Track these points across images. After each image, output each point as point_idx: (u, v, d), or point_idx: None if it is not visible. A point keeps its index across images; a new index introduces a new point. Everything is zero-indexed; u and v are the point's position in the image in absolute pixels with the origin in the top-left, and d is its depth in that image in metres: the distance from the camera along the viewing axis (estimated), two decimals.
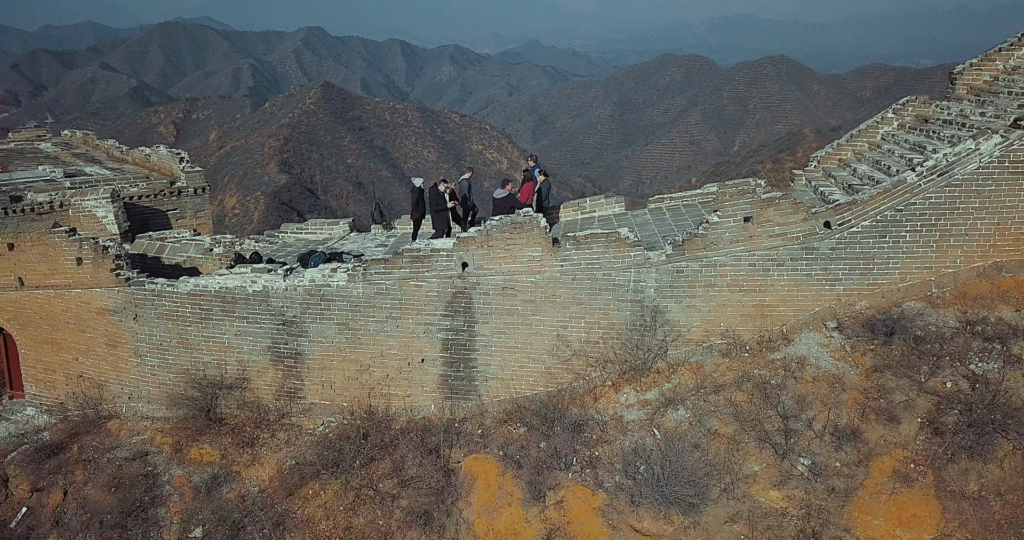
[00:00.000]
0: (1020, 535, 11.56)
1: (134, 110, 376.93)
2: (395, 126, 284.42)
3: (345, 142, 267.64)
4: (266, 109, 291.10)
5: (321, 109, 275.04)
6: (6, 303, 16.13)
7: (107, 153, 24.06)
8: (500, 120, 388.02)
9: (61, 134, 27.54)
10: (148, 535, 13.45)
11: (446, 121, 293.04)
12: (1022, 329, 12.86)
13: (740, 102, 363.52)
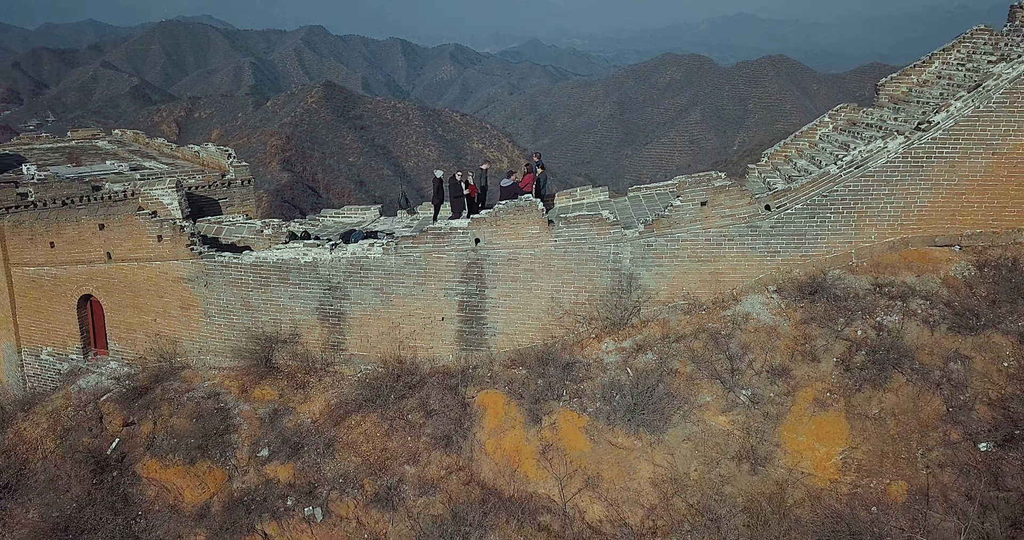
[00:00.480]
0: (908, 446, 15.05)
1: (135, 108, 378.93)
2: (396, 125, 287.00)
3: (347, 141, 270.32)
4: (268, 108, 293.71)
5: (323, 108, 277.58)
6: (96, 274, 19.58)
7: (158, 150, 27.53)
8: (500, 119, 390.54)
9: (112, 133, 30.96)
10: (225, 455, 16.93)
11: (447, 120, 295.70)
12: (919, 289, 16.34)
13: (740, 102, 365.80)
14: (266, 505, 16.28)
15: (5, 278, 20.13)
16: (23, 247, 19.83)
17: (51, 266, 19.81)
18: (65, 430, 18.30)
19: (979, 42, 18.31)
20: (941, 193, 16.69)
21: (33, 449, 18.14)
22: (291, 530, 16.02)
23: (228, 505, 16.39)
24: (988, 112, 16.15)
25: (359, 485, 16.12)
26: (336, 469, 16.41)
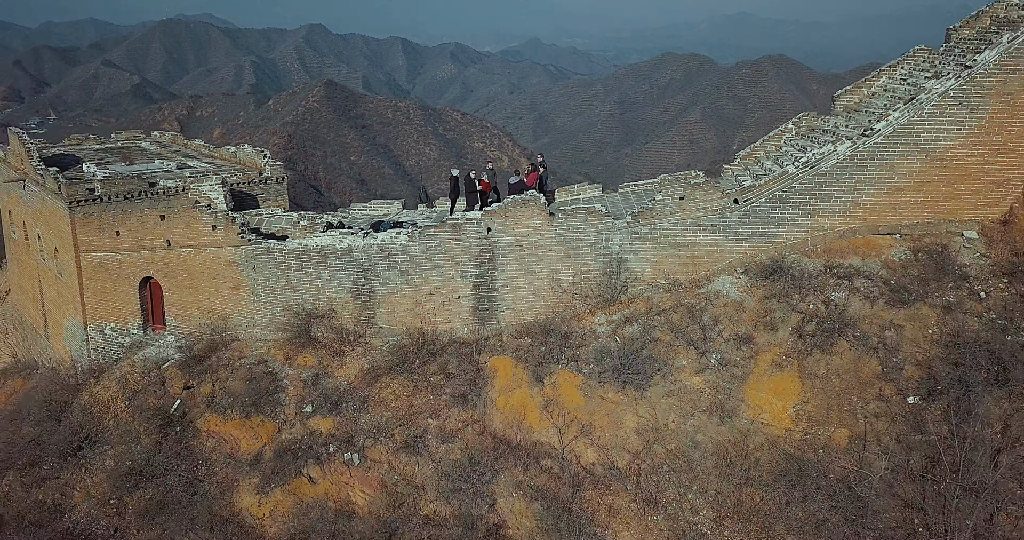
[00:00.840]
0: (850, 400, 18.15)
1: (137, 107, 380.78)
2: (397, 124, 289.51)
3: (348, 139, 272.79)
4: (269, 107, 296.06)
5: (324, 107, 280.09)
6: (156, 259, 22.65)
7: (197, 150, 30.61)
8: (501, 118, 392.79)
9: (152, 135, 34.03)
10: (274, 410, 20.01)
11: (447, 119, 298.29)
12: (863, 270, 19.43)
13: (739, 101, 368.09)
14: (311, 452, 19.37)
15: (75, 263, 23.19)
16: (91, 236, 22.88)
17: (116, 252, 22.87)
18: (133, 393, 21.38)
19: (919, 60, 21.43)
20: (883, 189, 19.79)
21: (106, 409, 21.22)
22: (332, 472, 19.12)
23: (278, 452, 19.48)
24: (921, 121, 19.24)
25: (390, 435, 19.22)
26: (370, 422, 19.50)
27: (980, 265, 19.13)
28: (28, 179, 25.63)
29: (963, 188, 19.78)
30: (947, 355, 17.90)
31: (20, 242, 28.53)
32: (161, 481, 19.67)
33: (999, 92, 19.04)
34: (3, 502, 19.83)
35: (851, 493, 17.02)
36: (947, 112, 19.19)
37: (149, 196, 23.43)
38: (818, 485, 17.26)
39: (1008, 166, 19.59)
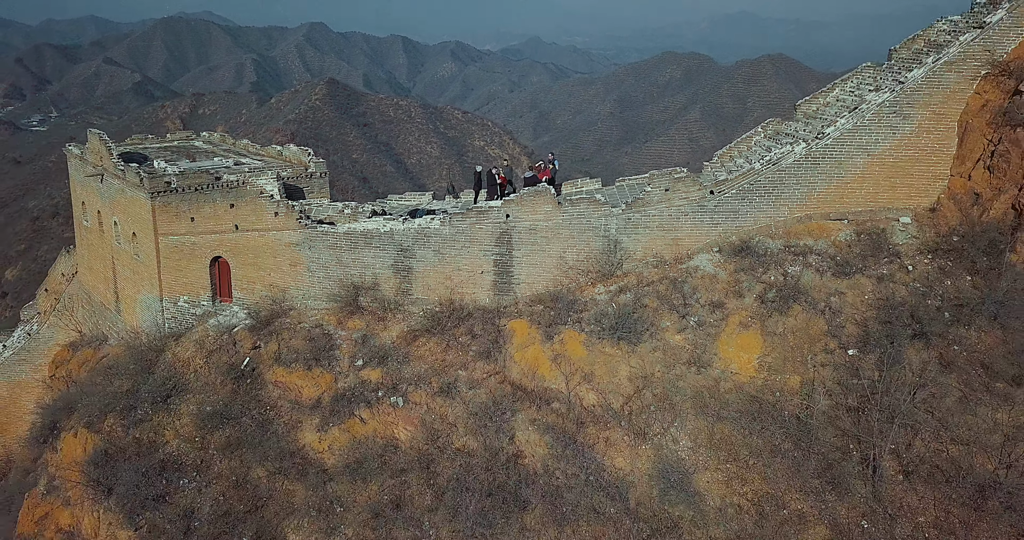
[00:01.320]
0: (802, 353, 22.62)
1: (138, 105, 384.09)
2: (399, 122, 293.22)
3: (350, 138, 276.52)
4: (272, 105, 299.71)
5: (326, 105, 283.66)
6: (226, 241, 27.04)
7: (245, 149, 35.00)
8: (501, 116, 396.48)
9: (201, 135, 38.40)
10: (331, 364, 24.44)
11: (449, 117, 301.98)
12: (815, 248, 23.92)
13: (739, 100, 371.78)
14: (362, 397, 23.79)
15: (154, 245, 27.56)
16: (169, 221, 27.26)
17: (190, 235, 27.26)
18: (209, 352, 25.80)
19: (865, 75, 25.89)
20: (833, 182, 24.27)
21: (187, 365, 25.64)
22: (380, 414, 23.56)
23: (335, 398, 23.91)
24: (863, 126, 23.71)
25: (427, 383, 23.65)
26: (411, 372, 23.94)
27: (910, 244, 23.63)
28: (107, 174, 29.98)
29: (899, 182, 24.26)
30: (879, 316, 22.40)
31: (93, 229, 32.85)
32: (237, 422, 24.09)
33: (926, 103, 23.53)
34: (107, 439, 24.23)
35: (800, 424, 21.55)
36: (884, 119, 23.68)
37: (217, 188, 27.77)
38: (774, 419, 21.77)
39: (935, 164, 24.09)
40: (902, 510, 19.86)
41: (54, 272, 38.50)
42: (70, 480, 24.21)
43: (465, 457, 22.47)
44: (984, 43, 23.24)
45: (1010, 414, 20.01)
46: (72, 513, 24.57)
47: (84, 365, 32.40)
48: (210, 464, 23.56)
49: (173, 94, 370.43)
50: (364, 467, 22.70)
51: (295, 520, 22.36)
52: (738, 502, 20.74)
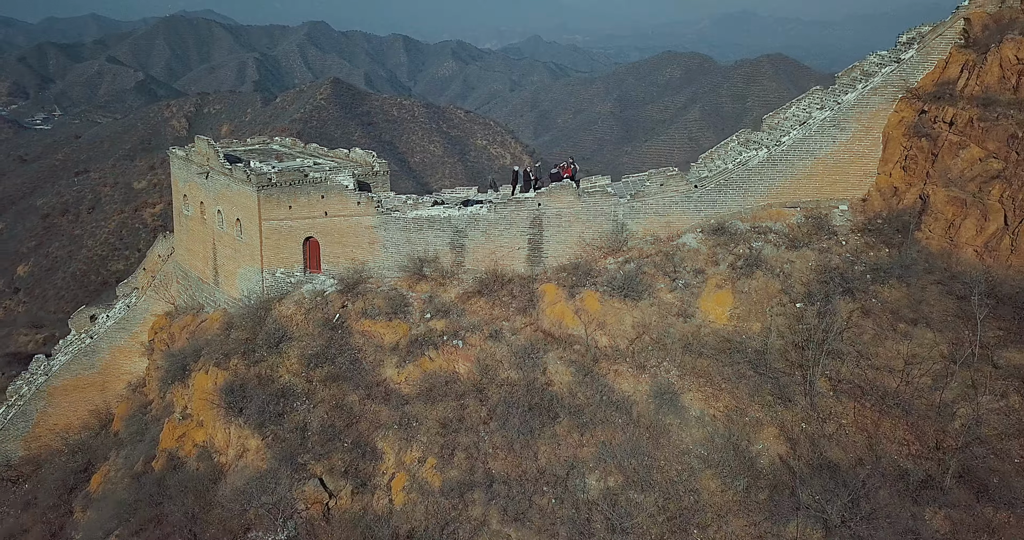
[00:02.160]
0: (762, 306, 30.71)
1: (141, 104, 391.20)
2: (402, 121, 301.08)
3: (354, 137, 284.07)
4: (277, 104, 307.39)
5: (331, 104, 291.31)
6: (316, 224, 35.03)
7: (315, 151, 42.99)
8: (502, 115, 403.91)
9: (272, 139, 46.38)
10: (406, 316, 32.46)
11: (451, 117, 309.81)
12: (774, 229, 32.03)
13: (738, 100, 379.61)
14: (430, 341, 31.79)
15: (258, 228, 35.55)
16: (270, 209, 35.25)
17: (288, 220, 35.25)
18: (307, 310, 33.81)
19: (815, 97, 34.02)
20: (788, 179, 32.37)
21: (291, 319, 33.64)
22: (444, 353, 31.57)
23: (410, 342, 31.92)
24: (809, 137, 31.84)
25: (480, 330, 31.70)
26: (467, 323, 31.99)
27: (845, 225, 31.76)
28: (212, 171, 37.95)
29: (838, 178, 32.39)
30: (819, 278, 30.52)
31: (195, 217, 40.81)
32: (333, 361, 32.08)
33: (858, 119, 31.67)
34: (233, 375, 32.23)
35: (759, 358, 29.65)
36: (826, 131, 31.81)
37: (308, 183, 35.81)
38: (740, 354, 29.86)
39: (865, 165, 32.23)
40: (830, 415, 27.95)
41: (152, 254, 46.55)
42: (207, 405, 32.21)
43: (509, 385, 30.47)
44: (900, 74, 31.37)
45: (908, 346, 28.10)
46: (205, 431, 32.60)
47: (185, 329, 40.47)
48: (314, 392, 31.54)
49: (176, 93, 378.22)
50: (433, 393, 30.68)
51: (381, 432, 30.34)
52: (712, 413, 28.81)
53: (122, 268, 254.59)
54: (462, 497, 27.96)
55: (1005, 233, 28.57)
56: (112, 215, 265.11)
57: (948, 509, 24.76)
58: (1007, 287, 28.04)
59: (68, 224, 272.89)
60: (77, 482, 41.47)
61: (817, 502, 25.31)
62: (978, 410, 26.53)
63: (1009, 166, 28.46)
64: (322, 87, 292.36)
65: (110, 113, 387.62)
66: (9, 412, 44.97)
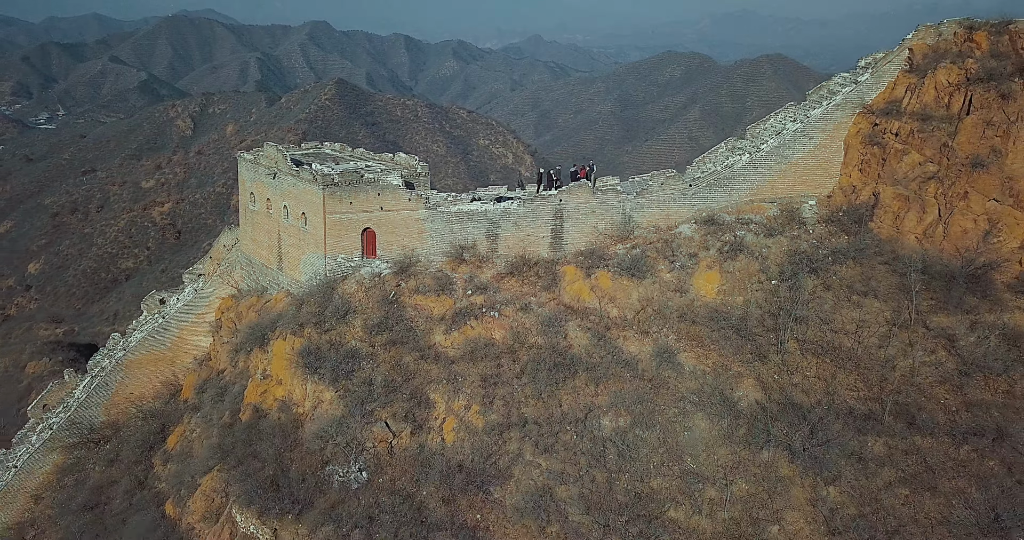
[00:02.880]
0: (744, 284, 38.14)
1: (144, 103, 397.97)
2: (405, 121, 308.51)
3: (359, 136, 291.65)
4: (282, 104, 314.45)
5: (336, 105, 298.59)
6: (373, 217, 42.38)
7: (362, 155, 50.34)
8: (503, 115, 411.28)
9: (322, 145, 53.70)
10: (451, 292, 39.84)
11: (454, 117, 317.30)
12: (754, 221, 39.50)
13: (738, 100, 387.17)
14: (471, 312, 39.16)
15: (323, 221, 42.87)
16: (333, 204, 42.59)
17: (348, 213, 42.59)
18: (367, 288, 41.17)
19: (790, 111, 41.42)
20: (767, 179, 39.79)
21: (353, 296, 41.00)
22: (483, 323, 38.94)
23: (454, 313, 39.28)
24: (784, 145, 39.28)
25: (512, 303, 39.09)
26: (502, 297, 39.38)
27: (812, 217, 39.21)
28: (280, 173, 45.25)
29: (807, 179, 39.81)
30: (790, 260, 37.95)
31: (261, 212, 48.10)
32: (392, 329, 39.42)
33: (823, 130, 39.09)
34: (308, 341, 39.57)
35: (741, 324, 37.09)
36: (798, 140, 39.24)
37: (364, 182, 43.17)
38: (726, 321, 37.29)
39: (830, 168, 39.65)
40: (797, 368, 35.37)
41: (217, 244, 53.88)
42: (286, 366, 39.51)
43: (537, 347, 37.83)
44: (858, 93, 38.83)
45: (859, 313, 35.55)
46: (284, 388, 39.93)
47: (251, 308, 47.84)
48: (377, 354, 38.88)
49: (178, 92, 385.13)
50: (474, 354, 38.00)
51: (433, 385, 37.67)
52: (702, 368, 36.21)
53: (132, 266, 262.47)
54: (501, 435, 35.33)
55: (939, 223, 36.00)
56: (121, 214, 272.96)
57: (885, 437, 32.22)
58: (938, 266, 35.48)
59: (77, 222, 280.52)
60: (154, 442, 48.84)
61: (784, 434, 32.78)
62: (913, 363, 33.99)
63: (942, 169, 35.88)
64: (326, 87, 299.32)
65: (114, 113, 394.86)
66: (92, 383, 52.29)
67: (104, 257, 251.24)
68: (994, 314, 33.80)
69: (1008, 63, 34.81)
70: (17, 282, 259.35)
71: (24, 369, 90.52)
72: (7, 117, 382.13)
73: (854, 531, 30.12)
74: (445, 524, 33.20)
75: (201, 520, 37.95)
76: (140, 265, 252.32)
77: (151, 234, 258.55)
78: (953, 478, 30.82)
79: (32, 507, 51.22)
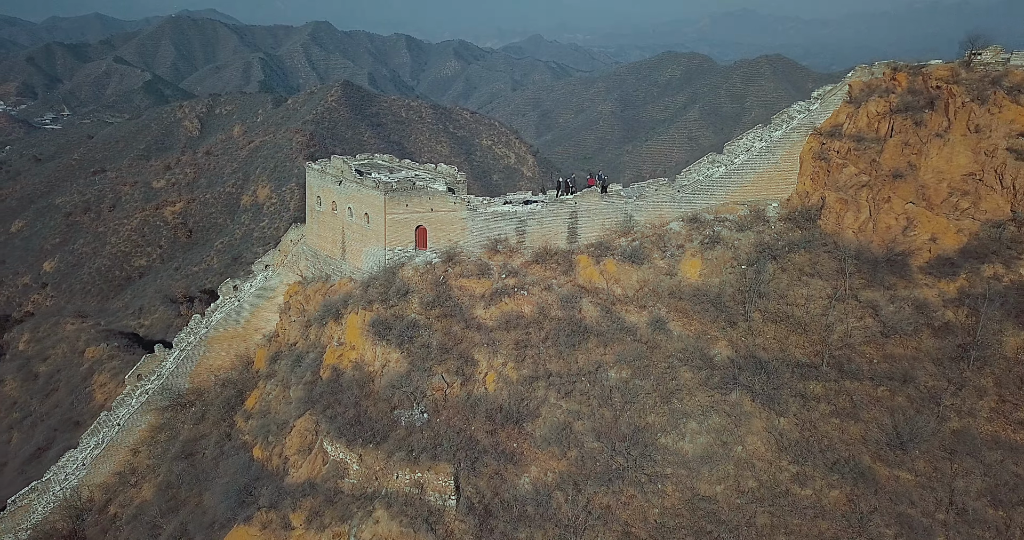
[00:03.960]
0: (721, 267, 49.88)
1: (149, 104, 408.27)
2: (410, 122, 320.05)
3: (365, 137, 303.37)
4: (288, 106, 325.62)
5: (342, 106, 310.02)
6: (425, 217, 53.92)
7: (409, 165, 61.92)
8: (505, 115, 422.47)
9: (373, 156, 65.29)
10: (489, 276, 51.43)
11: (457, 118, 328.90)
12: (729, 219, 51.24)
13: (737, 100, 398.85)
14: (505, 292, 50.77)
15: (383, 219, 54.36)
16: (392, 206, 54.10)
17: (405, 214, 54.11)
18: (421, 273, 52.75)
19: (758, 132, 53.02)
20: (739, 186, 51.50)
21: (410, 280, 52.58)
22: (515, 299, 50.57)
23: (492, 292, 50.88)
24: (752, 160, 51.00)
25: (538, 285, 50.73)
26: (529, 280, 51.01)
27: (775, 216, 50.91)
28: (345, 180, 56.73)
29: (771, 186, 51.49)
30: (756, 249, 49.64)
31: (326, 212, 59.55)
32: (443, 305, 50.94)
33: (783, 148, 50.81)
34: (376, 314, 51.11)
35: (717, 300, 48.80)
36: (763, 156, 50.96)
37: (416, 188, 54.71)
38: (706, 298, 48.97)
39: (789, 177, 51.34)
40: (760, 333, 46.99)
41: (285, 239, 65.48)
42: (358, 334, 50.99)
43: (557, 319, 49.40)
44: (810, 119, 50.52)
45: (807, 290, 47.19)
46: (356, 352, 51.47)
47: (318, 292, 59.44)
48: (431, 324, 50.41)
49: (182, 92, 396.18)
50: (508, 324, 49.54)
51: (476, 348, 49.16)
52: (687, 333, 47.82)
53: (145, 264, 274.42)
54: (531, 385, 46.92)
55: (869, 221, 47.62)
56: (133, 213, 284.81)
57: (823, 382, 43.88)
58: (867, 254, 47.12)
59: (91, 222, 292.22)
60: (234, 404, 60.39)
61: (748, 381, 44.40)
62: (847, 327, 45.65)
63: (871, 179, 47.48)
64: (332, 89, 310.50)
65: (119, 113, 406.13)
66: (180, 356, 63.90)
67: (118, 255, 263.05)
68: (908, 290, 45.47)
69: (921, 98, 46.49)
70: (33, 280, 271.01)
71: (83, 354, 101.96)
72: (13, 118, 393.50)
73: (796, 448, 41.75)
74: (490, 450, 44.72)
75: (296, 453, 49.47)
76: (153, 263, 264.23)
77: (163, 233, 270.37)
78: (871, 410, 42.46)
79: (131, 459, 62.86)
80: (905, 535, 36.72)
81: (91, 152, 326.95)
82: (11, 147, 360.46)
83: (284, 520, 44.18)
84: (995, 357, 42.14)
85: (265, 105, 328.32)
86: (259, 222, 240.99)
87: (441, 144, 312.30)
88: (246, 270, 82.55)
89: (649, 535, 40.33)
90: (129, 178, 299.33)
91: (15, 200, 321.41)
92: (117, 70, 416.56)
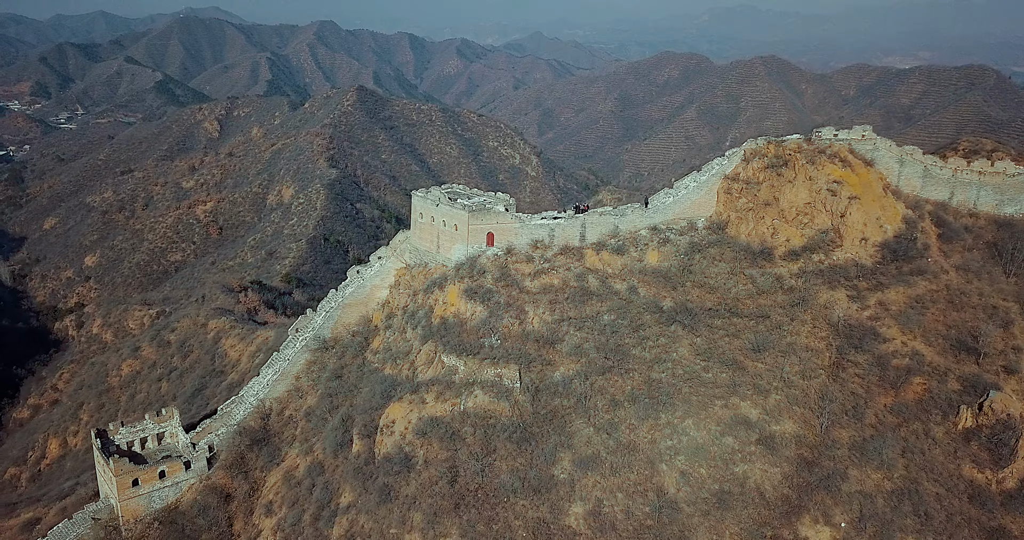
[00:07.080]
0: (669, 256, 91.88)
1: (160, 103, 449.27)
2: (421, 125, 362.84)
3: (379, 140, 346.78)
4: (305, 109, 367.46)
5: (357, 110, 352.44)
6: (492, 227, 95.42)
7: (475, 190, 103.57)
8: (507, 114, 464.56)
9: (452, 186, 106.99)
10: (533, 262, 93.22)
11: (465, 120, 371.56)
12: (675, 227, 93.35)
13: (733, 100, 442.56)
14: (543, 271, 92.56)
15: (467, 228, 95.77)
16: (472, 220, 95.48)
17: (479, 225, 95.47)
18: (492, 260, 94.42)
19: (693, 175, 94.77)
20: (682, 207, 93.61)
21: (485, 265, 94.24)
22: (549, 274, 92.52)
23: (534, 271, 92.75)
24: (690, 192, 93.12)
25: (562, 267, 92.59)
26: (557, 263, 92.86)
27: (702, 226, 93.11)
28: (441, 203, 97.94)
29: (701, 208, 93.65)
30: (692, 247, 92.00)
31: (427, 223, 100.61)
32: (505, 280, 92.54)
33: (708, 185, 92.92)
34: (466, 284, 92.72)
35: (669, 276, 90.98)
36: (697, 190, 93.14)
37: (486, 209, 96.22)
38: (662, 274, 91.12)
39: (711, 203, 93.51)
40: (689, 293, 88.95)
41: (395, 240, 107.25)
42: (456, 296, 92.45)
43: (572, 287, 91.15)
44: (723, 168, 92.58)
45: (717, 269, 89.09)
46: (455, 307, 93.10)
47: (420, 274, 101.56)
48: (499, 291, 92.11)
49: (192, 92, 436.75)
50: (544, 290, 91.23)
51: (527, 304, 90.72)
52: (651, 294, 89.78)
53: (180, 258, 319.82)
54: (558, 324, 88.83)
55: (753, 229, 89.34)
56: (167, 211, 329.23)
57: (722, 318, 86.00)
58: (751, 248, 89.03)
59: (125, 220, 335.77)
60: (363, 346, 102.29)
61: (680, 319, 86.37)
62: (737, 289, 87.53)
63: (754, 205, 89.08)
64: (348, 94, 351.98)
65: (131, 112, 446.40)
66: (325, 316, 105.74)
67: (155, 251, 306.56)
68: (772, 268, 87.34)
69: (781, 159, 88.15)
70: (76, 273, 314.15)
71: (206, 326, 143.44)
72: (29, 117, 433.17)
73: (705, 354, 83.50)
74: (536, 358, 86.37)
75: (423, 364, 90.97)
76: (187, 258, 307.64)
77: (196, 230, 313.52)
78: (746, 334, 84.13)
79: (296, 382, 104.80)
80: (751, 385, 78.78)
81: (116, 152, 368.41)
82: (31, 146, 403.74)
83: (421, 398, 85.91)
84: (815, 304, 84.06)
85: (282, 108, 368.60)
86: (288, 221, 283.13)
87: (450, 146, 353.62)
88: (277, 260, 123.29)
89: (626, 399, 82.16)
90: (157, 178, 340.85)
91: (45, 198, 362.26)
92: (128, 70, 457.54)
